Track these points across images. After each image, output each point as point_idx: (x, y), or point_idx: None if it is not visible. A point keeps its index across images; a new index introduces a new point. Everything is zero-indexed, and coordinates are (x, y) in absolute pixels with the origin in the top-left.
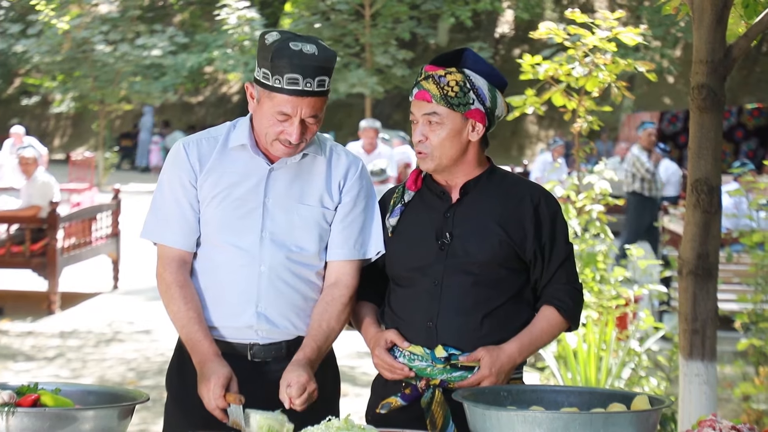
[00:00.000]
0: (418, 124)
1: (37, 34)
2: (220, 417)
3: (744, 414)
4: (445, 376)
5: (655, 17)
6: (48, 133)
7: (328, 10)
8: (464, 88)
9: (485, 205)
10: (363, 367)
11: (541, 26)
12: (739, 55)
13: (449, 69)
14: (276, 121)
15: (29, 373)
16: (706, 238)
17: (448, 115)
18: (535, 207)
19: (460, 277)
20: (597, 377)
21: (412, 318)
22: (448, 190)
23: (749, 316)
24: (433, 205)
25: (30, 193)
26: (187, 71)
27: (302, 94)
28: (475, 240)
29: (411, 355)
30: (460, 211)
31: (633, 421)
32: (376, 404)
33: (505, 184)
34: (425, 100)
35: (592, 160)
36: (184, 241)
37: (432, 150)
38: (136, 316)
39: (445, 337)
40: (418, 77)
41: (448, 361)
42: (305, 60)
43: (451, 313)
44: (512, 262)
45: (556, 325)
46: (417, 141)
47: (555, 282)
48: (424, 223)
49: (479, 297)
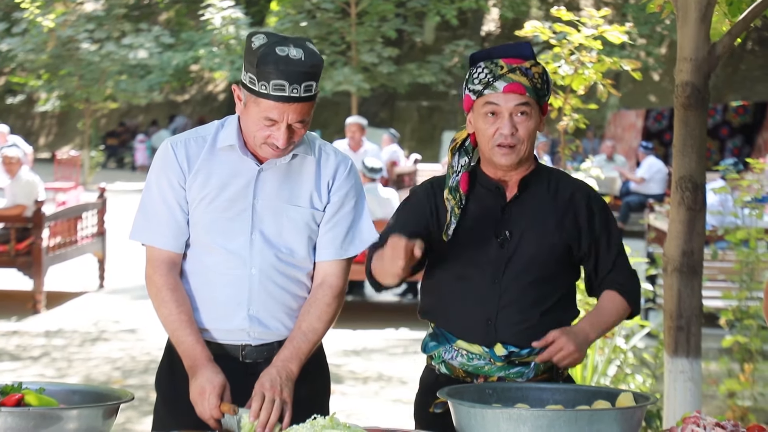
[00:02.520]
0: (502, 118)
1: (22, 32)
2: (213, 426)
3: (729, 411)
4: (503, 373)
5: (641, 15)
6: (33, 132)
7: (314, 9)
8: (544, 80)
9: (540, 202)
10: (350, 366)
11: (527, 24)
12: (723, 52)
13: (531, 61)
14: (263, 126)
15: (14, 372)
16: (690, 235)
17: (534, 106)
18: (588, 201)
19: (520, 274)
20: (583, 375)
21: (469, 317)
22: (502, 185)
23: (734, 313)
24: (486, 201)
25: (15, 192)
26: (172, 70)
27: (289, 101)
28: (534, 237)
29: (469, 354)
30: (517, 208)
31: (618, 418)
32: (427, 402)
33: (555, 179)
34: (518, 92)
35: (578, 158)
36: (173, 243)
37: (520, 142)
38: (122, 315)
39: (504, 335)
40: (496, 70)
41: (508, 358)
42: (291, 66)
43: (511, 312)
44: (566, 259)
45: (620, 307)
46: (507, 133)
47: (615, 270)
48: (479, 219)
49: (538, 294)
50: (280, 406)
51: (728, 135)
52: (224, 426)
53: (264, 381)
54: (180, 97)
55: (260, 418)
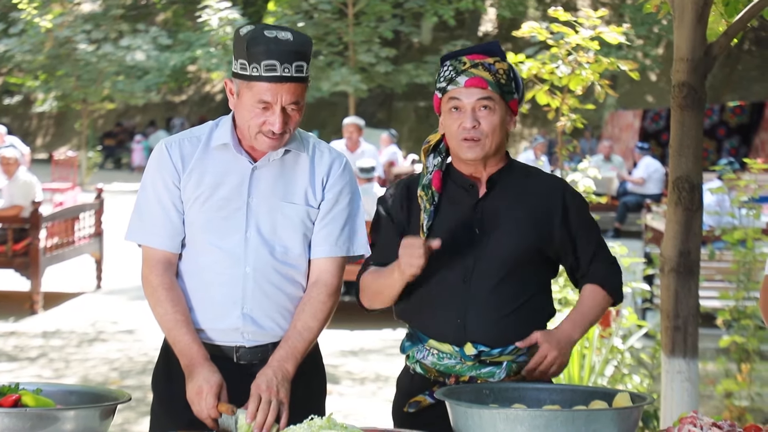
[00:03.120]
0: (465, 112)
1: (19, 32)
2: (211, 425)
3: (726, 411)
4: (474, 373)
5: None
6: (30, 133)
7: (311, 9)
8: (510, 77)
9: (511, 199)
10: (347, 367)
11: (524, 25)
12: (719, 53)
13: (495, 58)
14: (258, 112)
15: (11, 373)
16: (687, 235)
17: (499, 102)
18: (562, 196)
19: (489, 273)
20: (580, 375)
21: (439, 315)
22: (474, 182)
23: (731, 313)
24: (459, 199)
25: (12, 192)
26: (170, 70)
27: (281, 80)
28: (504, 235)
29: (439, 353)
30: (488, 205)
31: (614, 418)
32: (403, 403)
33: (526, 176)
34: (480, 86)
35: (575, 158)
36: (169, 243)
37: (484, 136)
38: (120, 315)
39: (474, 334)
40: (459, 66)
41: (478, 357)
42: (281, 46)
43: (480, 310)
44: (539, 256)
45: (601, 301)
46: (469, 127)
47: (595, 263)
48: (451, 217)
49: (508, 293)
50: (277, 406)
51: (725, 135)
52: (221, 426)
53: (260, 382)
54: (177, 97)
55: (257, 420)
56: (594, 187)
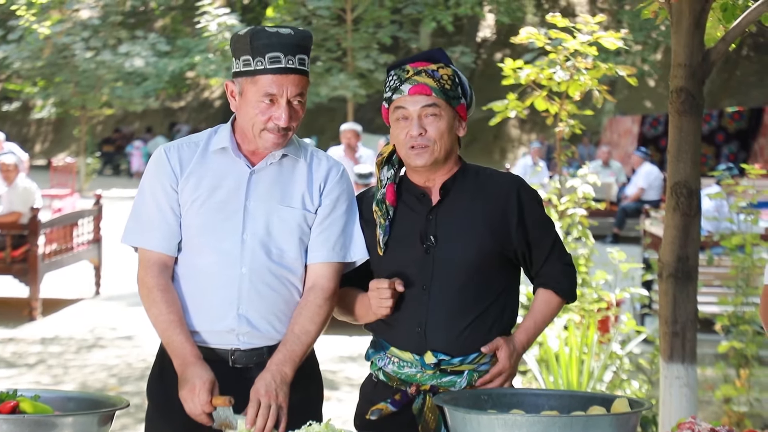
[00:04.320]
0: (411, 120)
1: (18, 39)
2: (205, 421)
3: (725, 416)
4: (435, 382)
5: (636, 21)
6: (29, 139)
7: (309, 15)
8: (455, 83)
9: (466, 204)
10: (345, 372)
11: (523, 31)
12: (717, 58)
13: (438, 64)
14: (263, 107)
15: (10, 379)
16: (685, 241)
17: (445, 107)
18: (517, 195)
19: (447, 280)
20: (579, 380)
21: (400, 324)
22: (427, 191)
23: (730, 318)
24: (414, 208)
25: (11, 199)
26: (168, 76)
27: (286, 72)
28: (459, 242)
29: (400, 362)
30: (442, 213)
31: (613, 423)
32: (365, 410)
33: (481, 179)
34: (424, 93)
35: (574, 164)
36: (165, 245)
37: (432, 143)
38: (118, 322)
39: (434, 343)
40: (402, 74)
41: (438, 366)
42: (283, 39)
43: (440, 318)
44: (498, 260)
45: (555, 307)
46: (415, 134)
47: (549, 263)
48: (407, 226)
49: (467, 300)
50: (276, 411)
51: (724, 141)
52: (216, 419)
53: (259, 387)
54: (176, 103)
55: (257, 425)
56: (593, 193)
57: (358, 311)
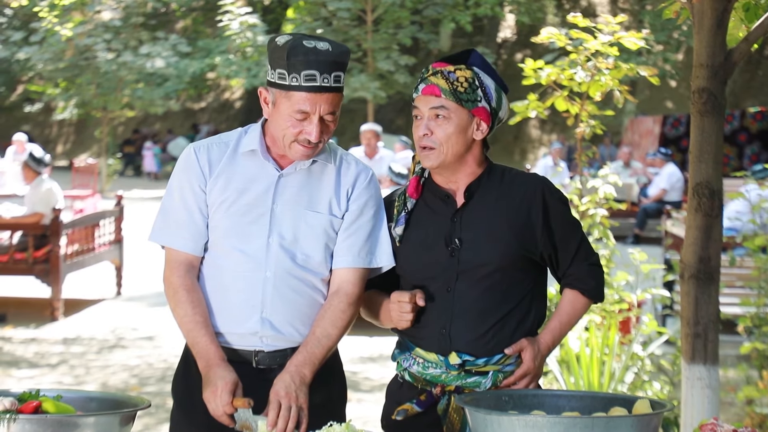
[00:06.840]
0: (422, 120)
1: (40, 41)
2: (227, 422)
3: (747, 418)
4: (459, 383)
5: (658, 21)
6: (51, 140)
7: (330, 16)
8: (473, 85)
9: (491, 206)
10: (366, 373)
11: (543, 31)
12: (739, 58)
13: (458, 66)
14: (295, 122)
15: (32, 380)
16: (707, 241)
17: (455, 110)
18: (542, 197)
19: (472, 282)
20: (600, 382)
21: (424, 325)
22: (451, 193)
23: (752, 319)
24: (439, 210)
25: (33, 200)
26: (189, 77)
27: (320, 90)
28: (484, 244)
29: (425, 362)
30: (467, 215)
31: (634, 425)
32: (392, 410)
33: (506, 180)
34: (433, 95)
35: (594, 165)
36: (192, 245)
37: (438, 145)
38: (140, 322)
39: (458, 344)
40: (424, 74)
41: (462, 367)
42: (321, 56)
43: (465, 320)
44: (523, 262)
45: (581, 307)
46: (422, 135)
47: (575, 264)
48: (431, 228)
49: (492, 302)
50: (297, 412)
51: (746, 141)
52: (237, 420)
53: (278, 388)
54: (197, 105)
55: (278, 427)
56: (615, 193)
57: (383, 317)
